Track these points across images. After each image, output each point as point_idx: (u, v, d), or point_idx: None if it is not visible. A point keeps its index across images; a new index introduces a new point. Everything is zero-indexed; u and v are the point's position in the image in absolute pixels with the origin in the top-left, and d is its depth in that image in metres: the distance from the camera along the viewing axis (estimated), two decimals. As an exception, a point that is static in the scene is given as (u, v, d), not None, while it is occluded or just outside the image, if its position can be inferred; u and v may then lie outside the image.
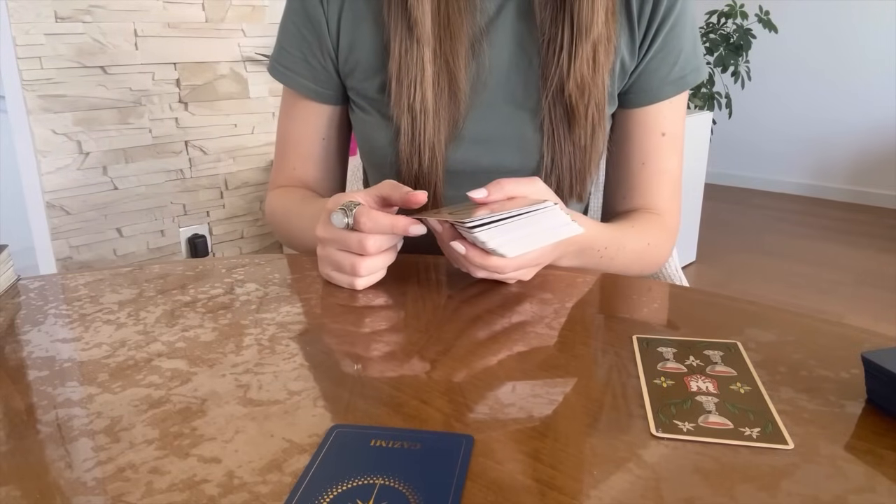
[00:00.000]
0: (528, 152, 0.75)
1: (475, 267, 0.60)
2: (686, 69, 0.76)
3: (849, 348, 0.50)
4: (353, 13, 0.76)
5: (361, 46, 0.76)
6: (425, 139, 0.73)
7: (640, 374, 0.47)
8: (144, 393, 0.47)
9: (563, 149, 0.73)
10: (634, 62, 0.75)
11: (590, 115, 0.72)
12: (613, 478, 0.37)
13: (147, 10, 2.12)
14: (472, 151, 0.75)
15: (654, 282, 0.67)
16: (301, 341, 0.54)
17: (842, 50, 3.86)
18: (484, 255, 0.57)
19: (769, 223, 3.62)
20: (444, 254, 0.65)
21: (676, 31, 0.74)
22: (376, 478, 0.37)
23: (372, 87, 0.76)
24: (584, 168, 0.75)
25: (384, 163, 0.78)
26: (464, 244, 0.58)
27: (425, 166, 0.74)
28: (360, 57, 0.76)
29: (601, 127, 0.74)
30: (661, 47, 0.74)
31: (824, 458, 0.38)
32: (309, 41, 0.78)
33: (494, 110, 0.74)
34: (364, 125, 0.79)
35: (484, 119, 0.74)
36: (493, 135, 0.75)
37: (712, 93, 3.55)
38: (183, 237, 2.36)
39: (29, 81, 1.95)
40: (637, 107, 0.77)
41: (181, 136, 2.28)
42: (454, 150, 0.75)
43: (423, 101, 0.72)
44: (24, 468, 0.39)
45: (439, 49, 0.72)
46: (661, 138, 0.78)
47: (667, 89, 0.76)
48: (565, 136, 0.73)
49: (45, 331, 0.57)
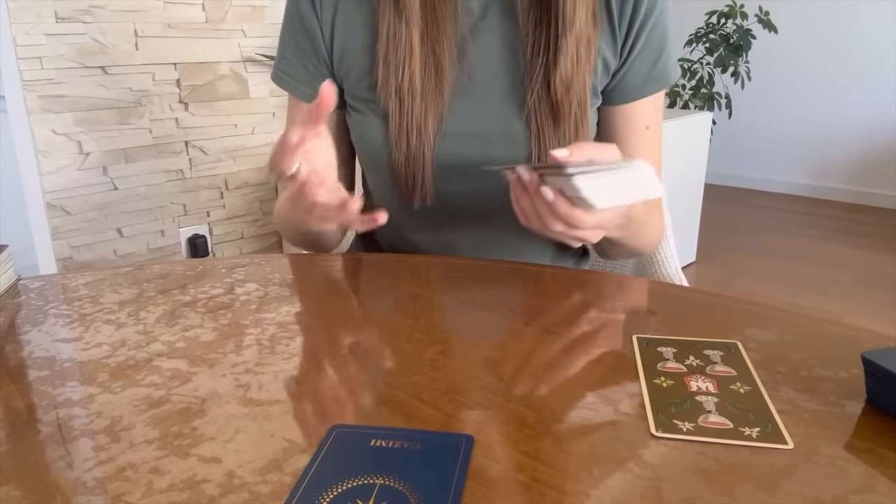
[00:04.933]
0: (516, 147, 0.76)
1: (556, 219, 0.59)
2: (668, 66, 0.79)
3: (849, 348, 0.50)
4: (345, 17, 0.77)
5: (354, 49, 0.77)
6: (412, 121, 0.74)
7: (640, 374, 0.47)
8: (144, 393, 0.47)
9: (549, 144, 0.75)
10: (617, 62, 0.78)
11: (573, 112, 0.75)
12: (613, 478, 0.37)
13: (147, 11, 2.12)
14: (460, 145, 0.76)
15: (654, 282, 0.67)
16: (301, 341, 0.54)
17: (842, 50, 3.85)
18: (570, 205, 0.57)
19: (769, 223, 3.61)
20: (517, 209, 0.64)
21: (658, 29, 0.77)
22: (376, 478, 0.37)
23: (364, 88, 0.78)
24: None
25: (379, 162, 0.79)
26: (552, 191, 0.57)
27: (413, 149, 0.75)
28: (353, 59, 0.78)
29: (584, 124, 0.76)
30: (643, 46, 0.77)
31: (824, 457, 0.38)
32: (305, 48, 0.80)
33: (482, 105, 0.76)
34: (359, 126, 0.80)
35: (472, 113, 0.76)
36: (481, 129, 0.76)
37: (712, 93, 3.55)
38: (183, 237, 2.36)
39: (29, 81, 1.95)
40: (623, 103, 0.80)
41: (181, 136, 2.28)
42: (443, 144, 0.76)
43: (410, 82, 0.73)
44: (24, 468, 0.39)
45: (426, 35, 0.73)
46: (646, 132, 0.81)
47: (651, 86, 0.79)
48: (551, 132, 0.75)
49: (45, 331, 0.57)
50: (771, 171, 4.26)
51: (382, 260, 0.76)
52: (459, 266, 0.70)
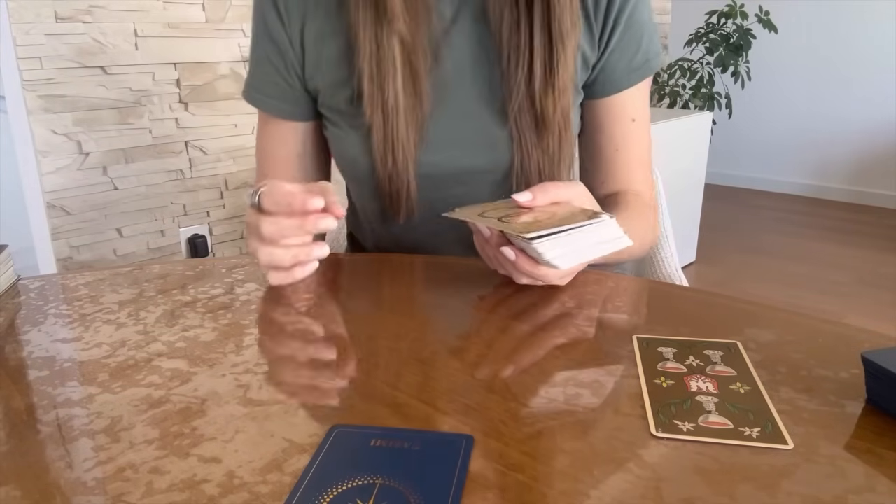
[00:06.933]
0: (498, 153, 0.75)
1: (521, 274, 0.59)
2: (649, 54, 0.78)
3: (849, 348, 0.50)
4: (315, 30, 0.75)
5: (327, 61, 0.75)
6: (397, 137, 0.72)
7: (640, 374, 0.47)
8: (144, 393, 0.47)
9: (531, 153, 0.74)
10: (596, 55, 0.76)
11: (557, 119, 0.73)
12: (613, 478, 0.37)
13: (147, 10, 2.12)
14: (442, 155, 0.75)
15: (654, 282, 0.67)
16: (301, 341, 0.54)
17: (842, 50, 3.85)
18: (534, 263, 0.57)
19: (769, 223, 3.61)
20: (482, 255, 0.65)
21: (635, 17, 0.75)
22: (376, 478, 0.37)
23: (341, 101, 0.75)
24: (552, 173, 0.75)
25: (362, 177, 0.77)
26: (514, 251, 0.57)
27: (399, 165, 0.73)
28: (327, 72, 0.76)
29: (567, 128, 0.74)
30: (622, 36, 0.75)
31: (824, 458, 0.38)
32: (275, 63, 0.77)
33: (461, 112, 0.74)
34: (337, 140, 0.79)
35: (451, 121, 0.74)
36: (461, 137, 0.74)
37: (712, 93, 3.55)
38: (183, 237, 2.36)
39: (29, 81, 1.95)
40: (606, 96, 0.78)
41: (181, 136, 2.28)
42: (424, 156, 0.74)
43: (395, 99, 0.71)
44: (24, 468, 0.39)
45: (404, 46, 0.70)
46: (632, 124, 0.80)
47: (633, 76, 0.78)
48: (533, 141, 0.74)
49: (45, 331, 0.57)
50: (771, 171, 4.26)
51: (383, 260, 0.76)
52: (459, 266, 0.70)
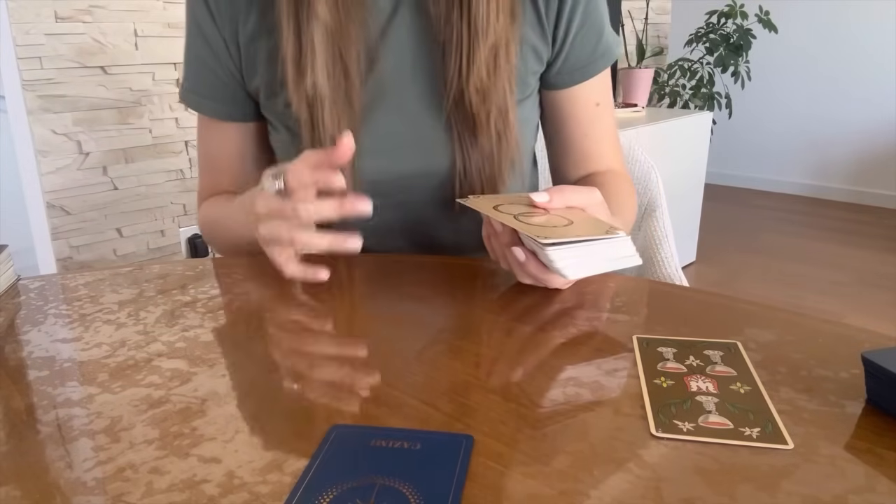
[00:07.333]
0: (439, 155, 0.73)
1: (527, 276, 0.59)
2: (610, 40, 0.78)
3: (849, 348, 0.50)
4: (247, 33, 0.73)
5: (261, 64, 0.73)
6: (325, 132, 0.69)
7: (640, 374, 0.47)
8: (144, 393, 0.47)
9: (470, 155, 0.72)
10: (551, 49, 0.75)
11: (492, 122, 0.70)
12: (613, 478, 0.37)
13: (147, 10, 2.12)
14: (382, 159, 0.72)
15: (654, 282, 0.67)
16: (301, 341, 0.54)
17: (842, 50, 3.85)
18: (542, 268, 0.57)
19: (769, 223, 3.61)
20: (487, 246, 0.64)
21: (592, 5, 0.74)
22: (376, 478, 0.37)
23: (278, 102, 0.74)
24: (493, 175, 0.74)
25: None
26: (524, 253, 0.57)
27: None
28: (262, 73, 0.74)
29: (507, 130, 0.72)
30: (580, 26, 0.74)
31: (824, 458, 0.38)
32: (211, 66, 0.76)
33: (401, 113, 0.72)
34: (279, 144, 0.78)
35: (388, 123, 0.72)
36: (401, 139, 0.72)
37: (712, 93, 3.55)
38: (183, 237, 2.36)
39: (29, 81, 1.95)
40: (571, 86, 0.78)
41: (181, 136, 2.27)
42: (362, 159, 0.71)
43: (315, 88, 0.67)
44: (24, 468, 0.39)
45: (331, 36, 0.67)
46: (596, 108, 0.80)
47: (597, 65, 0.78)
48: (471, 142, 0.71)
49: (45, 331, 0.57)
50: (771, 171, 4.26)
51: (383, 260, 0.75)
52: (459, 266, 0.70)
